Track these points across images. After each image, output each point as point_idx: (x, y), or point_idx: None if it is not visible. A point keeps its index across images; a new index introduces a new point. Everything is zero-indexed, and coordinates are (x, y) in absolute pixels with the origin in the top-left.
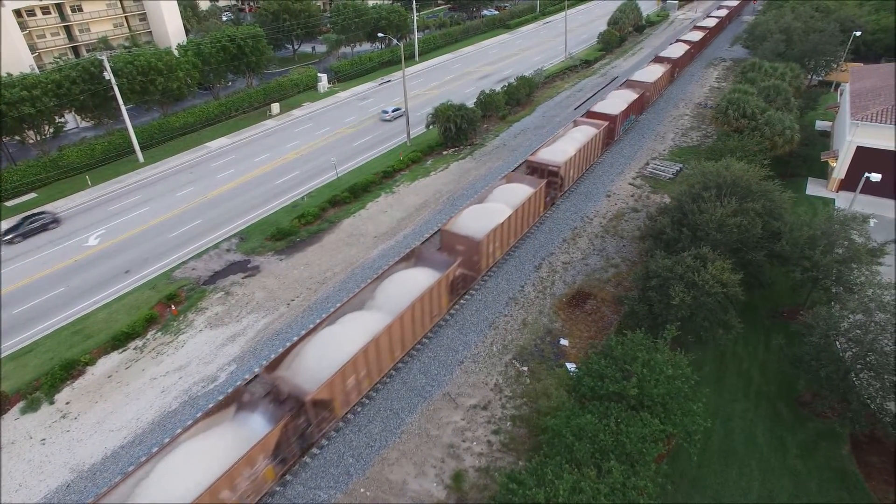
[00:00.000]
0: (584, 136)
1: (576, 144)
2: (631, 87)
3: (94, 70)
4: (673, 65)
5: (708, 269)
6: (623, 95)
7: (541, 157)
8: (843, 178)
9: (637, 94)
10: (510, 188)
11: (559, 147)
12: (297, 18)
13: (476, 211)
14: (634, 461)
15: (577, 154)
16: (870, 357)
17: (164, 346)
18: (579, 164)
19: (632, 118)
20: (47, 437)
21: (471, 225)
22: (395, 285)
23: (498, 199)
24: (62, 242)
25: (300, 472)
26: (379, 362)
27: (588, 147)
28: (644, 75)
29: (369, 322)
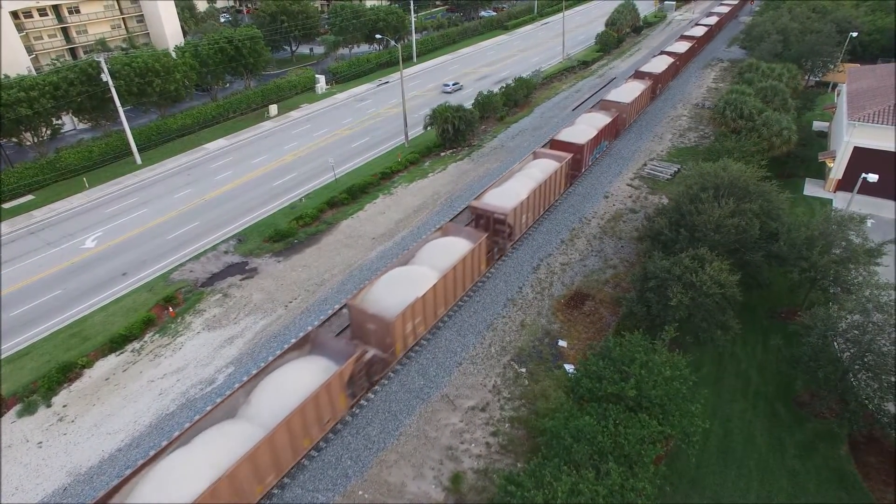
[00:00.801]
0: (542, 174)
1: (530, 184)
2: (605, 109)
3: (91, 72)
4: (654, 81)
5: (706, 269)
6: (593, 120)
7: (486, 203)
8: (840, 179)
9: (610, 118)
10: (443, 244)
11: (510, 188)
12: (295, 20)
13: (394, 278)
14: (633, 463)
15: (532, 196)
16: (868, 357)
17: (161, 349)
18: (535, 206)
19: (604, 145)
20: (44, 440)
21: (385, 299)
22: None
23: (425, 259)
24: (59, 245)
25: (298, 475)
26: None
27: (547, 185)
28: (621, 94)
29: None
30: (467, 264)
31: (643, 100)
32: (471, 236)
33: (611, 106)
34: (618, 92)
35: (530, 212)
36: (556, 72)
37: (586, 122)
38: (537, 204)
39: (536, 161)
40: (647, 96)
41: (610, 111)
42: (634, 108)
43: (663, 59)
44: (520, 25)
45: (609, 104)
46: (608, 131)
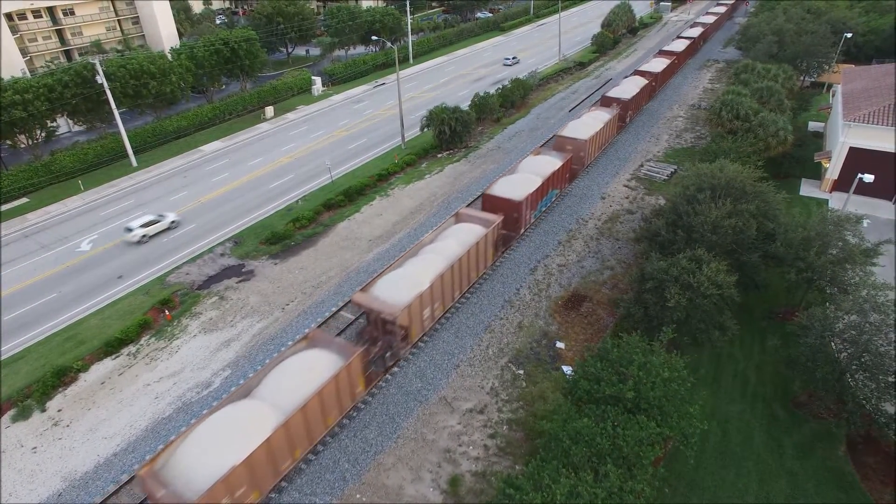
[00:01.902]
0: (461, 246)
1: (439, 265)
2: (559, 149)
3: (86, 74)
4: (623, 108)
5: (703, 270)
6: (539, 165)
7: (373, 298)
8: (836, 179)
9: (562, 160)
10: (295, 365)
11: (412, 272)
12: (291, 21)
13: None
14: (631, 464)
15: (440, 281)
16: (865, 358)
17: (157, 352)
18: (446, 292)
19: (553, 194)
20: (39, 445)
21: None
22: None
23: (264, 394)
24: (54, 248)
25: (295, 479)
26: None
27: (465, 262)
28: (578, 128)
29: None
30: (326, 394)
31: (607, 132)
32: (342, 350)
33: (565, 144)
34: (576, 125)
35: (438, 301)
36: (552, 73)
37: (531, 167)
38: (450, 288)
39: (458, 227)
40: (612, 127)
41: (564, 150)
42: (595, 143)
43: (633, 83)
44: (515, 27)
45: (564, 142)
46: (558, 177)
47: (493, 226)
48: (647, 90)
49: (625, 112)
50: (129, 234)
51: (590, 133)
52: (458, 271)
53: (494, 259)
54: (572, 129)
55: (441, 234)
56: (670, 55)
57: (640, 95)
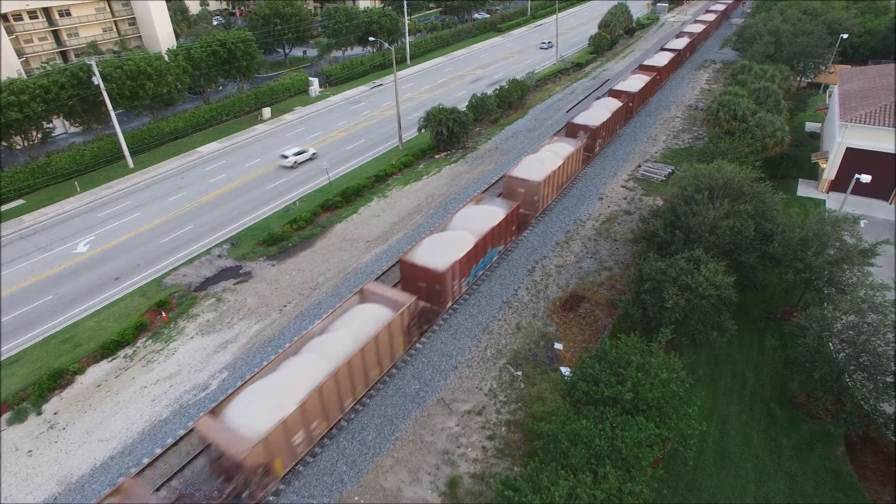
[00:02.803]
0: (354, 341)
1: (322, 369)
2: (509, 193)
3: (82, 75)
4: (591, 136)
5: (701, 271)
6: (476, 219)
7: (222, 426)
8: (833, 179)
9: (506, 210)
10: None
11: (283, 383)
12: (288, 22)
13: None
14: (630, 466)
15: (318, 395)
16: (863, 358)
17: (154, 354)
18: (328, 406)
19: (494, 253)
20: (34, 448)
21: None
22: None
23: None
24: (50, 249)
25: (293, 481)
26: None
27: (360, 360)
28: (532, 167)
29: None
30: None
31: (570, 167)
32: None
33: (516, 186)
34: (530, 163)
35: (318, 419)
36: (549, 74)
37: (466, 222)
38: (337, 398)
39: (359, 310)
40: (576, 161)
41: (515, 194)
42: (552, 183)
43: (607, 105)
44: (513, 28)
45: (514, 184)
46: (500, 233)
47: (402, 309)
48: (620, 114)
49: (593, 141)
50: (285, 161)
51: (546, 172)
52: (348, 375)
53: (408, 347)
54: (526, 167)
55: (337, 321)
56: (650, 71)
57: (612, 121)
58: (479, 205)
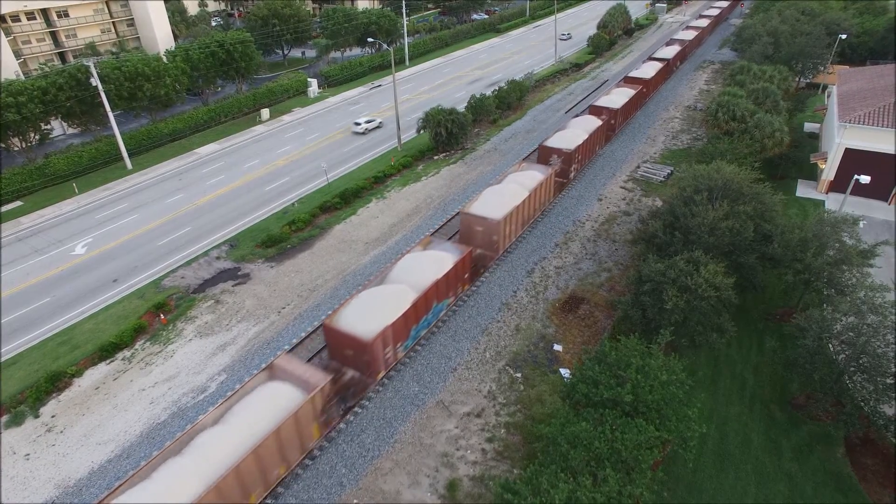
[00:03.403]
0: (263, 422)
1: (213, 465)
2: (466, 232)
3: (80, 76)
4: (566, 160)
5: (701, 272)
6: (420, 269)
7: None
8: (832, 180)
9: (457, 257)
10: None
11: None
12: (287, 23)
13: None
14: (630, 468)
15: None
16: (863, 359)
17: (152, 357)
18: None
19: (441, 307)
20: (32, 451)
21: None
22: None
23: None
24: (48, 252)
25: (292, 484)
26: None
27: (263, 451)
28: (493, 201)
29: None
30: None
31: (538, 198)
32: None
33: (473, 224)
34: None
35: None
36: (548, 74)
37: (408, 272)
38: None
39: (262, 392)
40: (546, 190)
41: (472, 233)
42: (516, 219)
43: (583, 124)
44: (511, 28)
45: (471, 221)
46: (448, 283)
47: (314, 392)
48: (600, 134)
49: (567, 166)
50: (357, 127)
51: (508, 208)
52: (236, 483)
53: (326, 431)
54: (485, 203)
55: (238, 405)
56: (636, 84)
57: (590, 142)
58: (427, 249)
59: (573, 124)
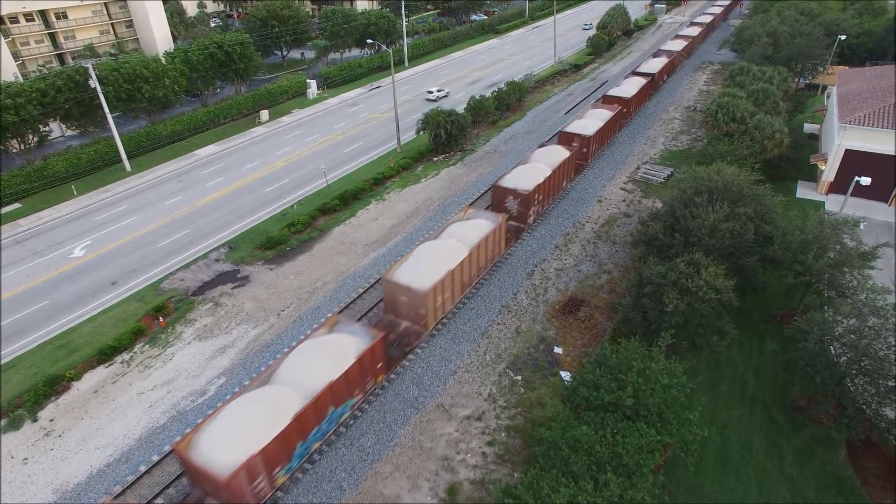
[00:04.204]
0: None
1: None
2: (391, 302)
3: (79, 78)
4: (523, 202)
5: (702, 275)
6: (318, 363)
7: None
8: (832, 181)
9: (363, 345)
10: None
11: None
12: (286, 24)
13: None
14: (631, 473)
15: None
16: (864, 362)
17: (151, 360)
18: None
19: (343, 409)
20: (30, 456)
21: None
22: None
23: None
24: (46, 254)
25: (291, 488)
26: None
27: None
28: (422, 265)
29: None
30: None
31: (483, 254)
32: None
33: (398, 294)
34: (418, 261)
35: None
36: (547, 75)
37: (299, 370)
38: None
39: None
40: (496, 242)
41: (397, 303)
42: (452, 285)
43: (547, 158)
44: (511, 29)
45: (396, 290)
46: (352, 381)
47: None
48: (568, 165)
49: (525, 208)
50: (430, 95)
51: (440, 272)
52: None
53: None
54: (414, 264)
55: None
56: (615, 104)
57: (555, 177)
58: (332, 333)
59: (537, 156)
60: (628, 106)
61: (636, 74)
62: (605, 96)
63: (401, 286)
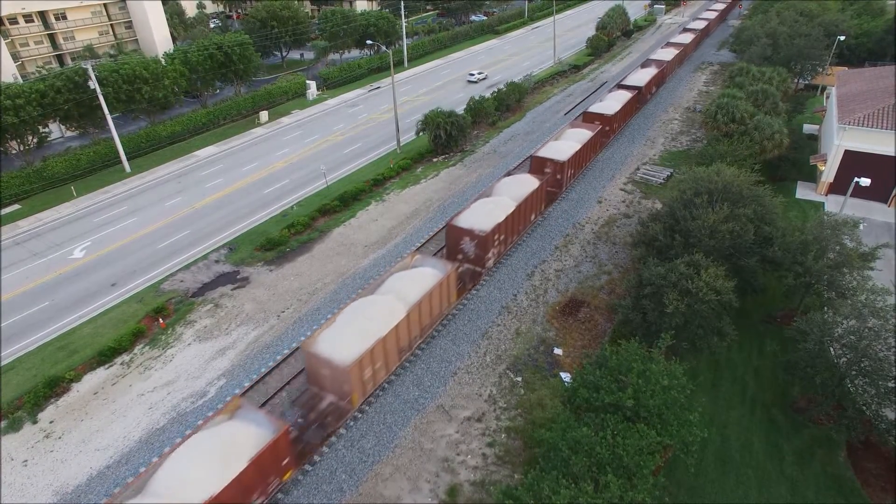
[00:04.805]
0: None
1: None
2: (313, 374)
3: (78, 79)
4: (480, 245)
5: (701, 276)
6: (198, 468)
7: None
8: (831, 182)
9: (262, 440)
10: None
11: None
12: (285, 25)
13: None
14: (632, 474)
15: None
16: (864, 363)
17: (151, 361)
18: None
19: None
20: (30, 458)
21: None
22: None
23: None
24: (46, 255)
25: (292, 490)
26: None
27: None
28: (343, 339)
29: None
30: None
31: (424, 315)
32: None
33: (319, 367)
34: (340, 331)
35: None
36: (547, 76)
37: (176, 480)
38: None
39: None
40: (442, 295)
41: (316, 381)
42: (381, 357)
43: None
44: (510, 30)
45: (317, 364)
46: None
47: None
48: (537, 196)
49: (483, 251)
50: (472, 77)
51: (366, 343)
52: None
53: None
54: (336, 336)
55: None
56: (596, 122)
57: (521, 212)
58: (228, 422)
59: (501, 188)
60: (611, 123)
61: (621, 87)
62: (585, 113)
63: (321, 359)
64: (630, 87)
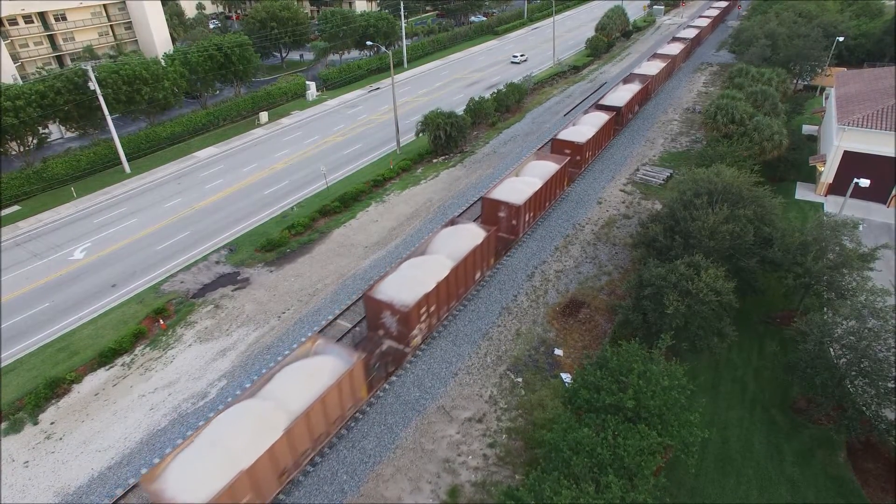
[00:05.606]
0: None
1: None
2: None
3: (78, 80)
4: (405, 320)
5: (702, 277)
6: None
7: None
8: (830, 183)
9: None
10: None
11: None
12: (285, 26)
13: None
14: (633, 475)
15: None
16: (864, 364)
17: (152, 362)
18: None
19: None
20: (31, 459)
21: None
22: None
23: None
24: (46, 256)
25: (293, 491)
26: None
27: None
28: (197, 466)
29: None
30: None
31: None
32: None
33: None
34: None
35: None
36: (546, 77)
37: None
38: None
39: None
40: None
41: None
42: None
43: (466, 238)
44: (509, 30)
45: None
46: None
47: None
48: (481, 253)
49: (407, 327)
50: (514, 59)
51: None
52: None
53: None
54: (187, 463)
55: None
56: (565, 151)
57: (457, 274)
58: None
59: (437, 244)
60: (582, 152)
61: (599, 108)
62: (554, 140)
63: None
64: (608, 107)
